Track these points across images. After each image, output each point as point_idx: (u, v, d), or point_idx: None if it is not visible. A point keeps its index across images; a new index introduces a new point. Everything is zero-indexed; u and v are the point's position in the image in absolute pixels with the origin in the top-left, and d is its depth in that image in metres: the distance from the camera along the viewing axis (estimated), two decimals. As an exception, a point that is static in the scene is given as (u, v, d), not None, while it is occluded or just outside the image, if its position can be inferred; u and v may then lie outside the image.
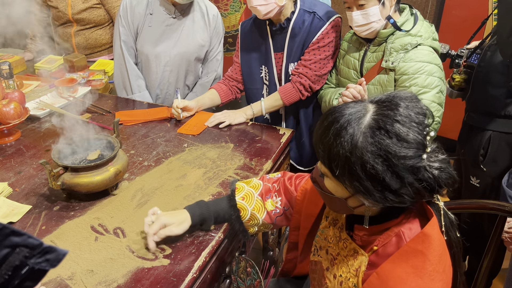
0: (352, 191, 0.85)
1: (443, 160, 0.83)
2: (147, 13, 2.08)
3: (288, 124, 2.05)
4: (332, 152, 0.83)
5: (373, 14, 1.58)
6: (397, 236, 0.88)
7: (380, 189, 0.81)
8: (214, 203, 1.23)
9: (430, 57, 1.58)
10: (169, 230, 1.14)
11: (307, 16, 1.82)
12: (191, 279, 1.08)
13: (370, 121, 0.81)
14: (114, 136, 1.43)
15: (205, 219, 1.20)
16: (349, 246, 0.98)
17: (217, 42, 2.22)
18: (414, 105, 0.82)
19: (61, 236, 1.21)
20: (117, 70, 2.20)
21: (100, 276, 1.08)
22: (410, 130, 0.79)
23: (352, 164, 0.81)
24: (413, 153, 0.79)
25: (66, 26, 2.70)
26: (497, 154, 1.74)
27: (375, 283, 0.86)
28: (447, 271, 0.86)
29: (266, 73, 1.98)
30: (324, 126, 0.86)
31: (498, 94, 1.68)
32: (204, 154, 1.62)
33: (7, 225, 0.47)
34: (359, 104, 0.85)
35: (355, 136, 0.80)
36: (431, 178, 0.81)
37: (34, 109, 1.92)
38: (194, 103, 1.91)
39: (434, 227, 0.85)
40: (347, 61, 1.79)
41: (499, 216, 1.30)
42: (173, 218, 1.16)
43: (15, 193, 1.39)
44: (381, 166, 0.79)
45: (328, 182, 0.90)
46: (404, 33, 1.61)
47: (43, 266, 0.49)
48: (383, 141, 0.79)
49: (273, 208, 1.22)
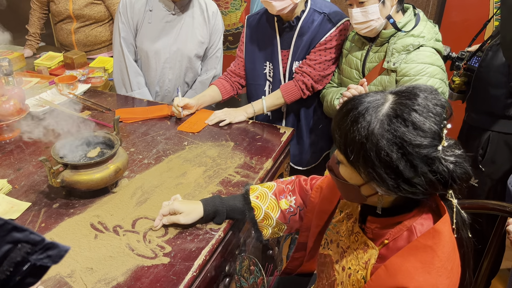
0: (366, 178, 0.86)
1: (459, 155, 0.84)
2: (146, 10, 2.07)
3: (288, 122, 2.04)
4: (348, 138, 0.84)
5: (372, 12, 1.57)
6: (409, 231, 0.89)
7: (393, 177, 0.82)
8: (229, 198, 1.26)
9: (432, 58, 1.58)
10: (176, 218, 1.20)
11: (317, 16, 1.82)
12: (191, 277, 1.07)
13: (388, 110, 0.82)
14: (114, 134, 1.43)
15: (217, 212, 1.23)
16: (360, 239, 0.98)
17: (216, 39, 2.22)
18: (433, 96, 0.83)
19: (60, 234, 1.21)
20: (116, 67, 2.20)
21: (99, 274, 1.08)
22: (427, 119, 0.80)
23: (367, 150, 0.82)
24: (428, 142, 0.80)
25: (66, 23, 2.70)
26: (496, 154, 1.74)
27: (382, 276, 0.86)
28: (455, 270, 0.86)
29: (270, 69, 1.97)
30: (343, 112, 0.87)
31: (498, 95, 1.68)
32: (204, 153, 1.62)
33: (9, 221, 0.47)
34: (379, 94, 0.86)
35: (372, 123, 0.81)
36: (446, 171, 0.81)
37: (34, 106, 1.91)
38: (194, 101, 1.91)
39: (445, 224, 0.85)
40: (350, 61, 1.79)
41: (500, 216, 1.30)
42: (185, 206, 1.21)
43: (15, 190, 1.39)
44: (395, 154, 0.80)
45: (343, 169, 0.91)
46: (406, 34, 1.60)
47: (45, 262, 0.49)
48: (399, 129, 0.80)
49: (287, 207, 1.24)
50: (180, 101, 1.84)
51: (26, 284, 0.49)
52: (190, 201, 1.25)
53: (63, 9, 2.62)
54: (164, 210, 1.22)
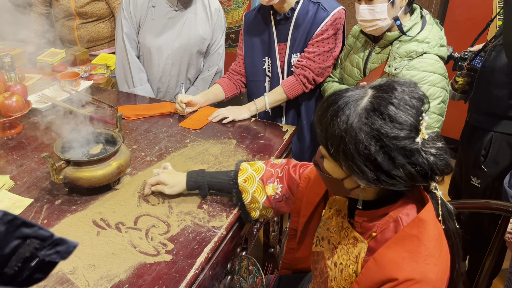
0: (347, 172, 0.88)
1: (440, 147, 0.85)
2: (149, 6, 2.07)
3: (289, 118, 2.04)
4: (328, 132, 0.86)
5: (380, 11, 1.56)
6: (395, 222, 0.91)
7: (373, 169, 0.83)
8: (213, 174, 1.32)
9: (434, 66, 1.56)
10: (162, 188, 1.31)
11: (311, 7, 1.81)
12: (193, 275, 1.07)
13: (366, 104, 0.84)
14: (117, 131, 1.43)
15: (199, 187, 1.31)
16: (349, 234, 1.00)
17: (219, 36, 2.22)
18: (410, 90, 0.84)
19: (62, 230, 1.21)
20: (119, 63, 2.20)
21: (102, 271, 1.07)
22: (403, 112, 0.81)
23: (346, 143, 0.83)
24: (404, 134, 0.81)
25: (68, 20, 2.69)
26: (498, 155, 1.74)
27: (372, 268, 0.88)
28: (444, 257, 0.87)
29: (269, 64, 1.97)
30: (324, 107, 0.89)
31: (501, 95, 1.67)
32: (206, 150, 1.62)
33: (19, 216, 0.47)
34: (359, 89, 0.88)
35: (351, 117, 0.83)
36: (425, 163, 0.83)
37: (36, 102, 1.91)
38: (199, 98, 1.90)
39: (429, 213, 0.87)
40: (352, 59, 1.78)
41: (502, 216, 1.30)
42: (170, 179, 1.30)
43: (17, 187, 1.39)
44: (374, 147, 0.81)
45: (327, 163, 0.93)
46: (410, 39, 1.58)
47: (53, 258, 0.49)
48: (376, 122, 0.81)
49: (273, 193, 1.25)
50: (183, 98, 1.84)
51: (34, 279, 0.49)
52: (176, 174, 1.33)
53: (65, 7, 2.62)
54: (152, 180, 1.32)
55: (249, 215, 1.29)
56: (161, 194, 1.35)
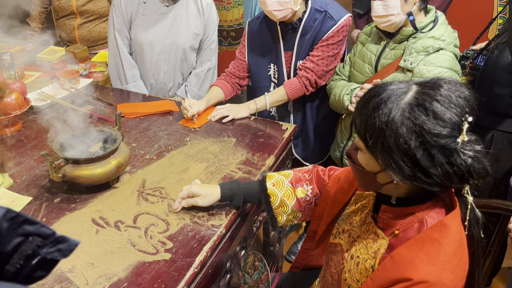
0: (382, 165, 0.87)
1: (479, 151, 0.83)
2: (140, 2, 2.07)
3: (296, 120, 2.04)
4: (368, 123, 0.85)
5: (393, 7, 1.56)
6: (420, 223, 0.89)
7: (410, 165, 0.82)
8: (246, 183, 1.29)
9: (450, 63, 1.56)
10: (194, 201, 1.24)
11: (318, 15, 1.82)
12: (192, 273, 1.07)
13: (410, 99, 0.83)
14: (116, 129, 1.42)
15: (234, 195, 1.26)
16: (371, 229, 0.99)
17: (211, 31, 2.20)
18: (456, 88, 0.83)
19: (61, 229, 1.20)
20: (111, 60, 2.19)
21: (100, 269, 1.07)
22: (448, 110, 0.80)
23: (386, 136, 0.82)
24: (447, 132, 0.80)
25: (69, 19, 2.68)
26: (499, 153, 1.73)
27: (388, 265, 0.87)
28: (462, 265, 0.85)
29: (275, 71, 1.98)
30: (365, 98, 0.88)
31: (503, 93, 1.67)
32: (206, 148, 1.61)
33: (21, 213, 0.47)
34: (404, 83, 0.87)
35: (393, 110, 0.82)
36: (463, 164, 0.81)
37: (36, 100, 1.90)
38: (204, 106, 1.86)
39: (455, 219, 0.86)
40: (363, 55, 1.77)
41: (503, 215, 1.30)
42: (203, 189, 1.25)
43: (16, 185, 1.38)
44: (414, 142, 0.80)
45: (361, 156, 0.92)
46: (427, 35, 1.59)
47: (55, 256, 0.49)
48: (419, 117, 0.80)
49: (304, 195, 1.24)
50: (193, 108, 1.77)
51: (36, 277, 0.49)
52: (208, 185, 1.29)
53: (66, 5, 2.61)
54: (183, 193, 1.26)
55: (276, 220, 1.27)
56: (161, 193, 1.34)
